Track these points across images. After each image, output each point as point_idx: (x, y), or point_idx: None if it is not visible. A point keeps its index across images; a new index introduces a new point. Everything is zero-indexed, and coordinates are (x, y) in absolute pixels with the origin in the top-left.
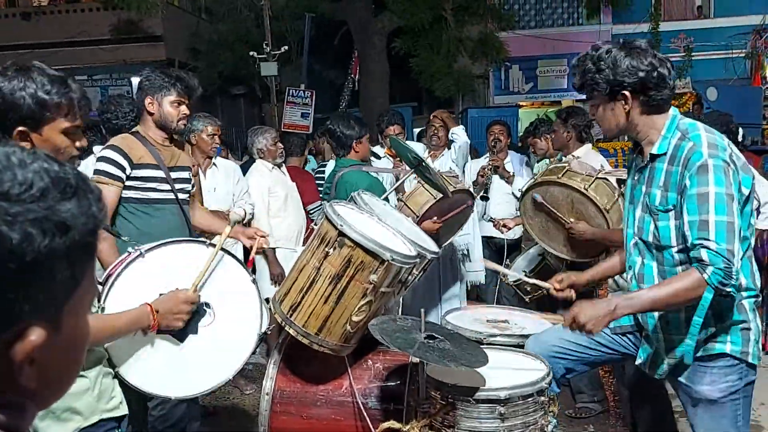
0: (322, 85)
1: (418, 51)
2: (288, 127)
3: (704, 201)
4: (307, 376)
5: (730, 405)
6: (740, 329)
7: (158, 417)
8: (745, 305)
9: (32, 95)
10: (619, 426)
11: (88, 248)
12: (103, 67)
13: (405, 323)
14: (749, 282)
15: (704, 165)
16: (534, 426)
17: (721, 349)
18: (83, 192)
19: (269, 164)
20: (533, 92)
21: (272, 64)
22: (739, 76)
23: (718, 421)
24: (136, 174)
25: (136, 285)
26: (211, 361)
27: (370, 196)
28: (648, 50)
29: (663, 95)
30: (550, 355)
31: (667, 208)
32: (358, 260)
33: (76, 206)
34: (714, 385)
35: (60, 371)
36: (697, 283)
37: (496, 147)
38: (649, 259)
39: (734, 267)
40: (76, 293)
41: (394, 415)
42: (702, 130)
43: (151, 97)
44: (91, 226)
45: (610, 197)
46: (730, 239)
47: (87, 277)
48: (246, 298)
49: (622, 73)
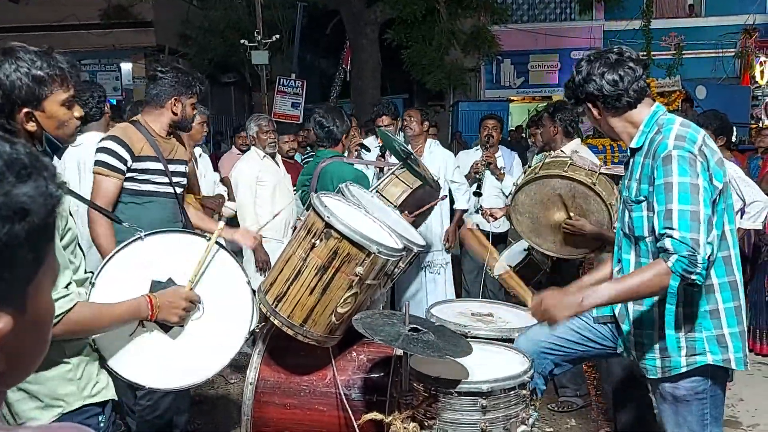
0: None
1: (411, 43)
2: (278, 116)
3: (669, 190)
4: (291, 366)
5: (696, 404)
6: (716, 338)
7: (146, 407)
8: (721, 312)
9: (27, 74)
10: (601, 420)
11: (48, 229)
12: (92, 52)
13: (389, 317)
14: (725, 287)
15: (668, 156)
16: (515, 419)
17: (702, 362)
18: (38, 171)
19: (261, 152)
20: (524, 87)
21: (263, 53)
22: (728, 75)
23: (684, 418)
24: (136, 166)
25: (129, 266)
26: (195, 356)
27: (358, 188)
28: (602, 58)
29: (617, 96)
30: (539, 351)
31: (638, 199)
32: (344, 252)
33: (33, 188)
34: (679, 383)
35: (27, 351)
36: (662, 271)
37: (489, 142)
38: (627, 250)
39: (699, 255)
40: (39, 274)
41: (377, 407)
42: (676, 124)
43: (177, 97)
44: (49, 206)
45: (609, 192)
46: (694, 227)
47: (48, 256)
48: (238, 295)
49: (579, 87)
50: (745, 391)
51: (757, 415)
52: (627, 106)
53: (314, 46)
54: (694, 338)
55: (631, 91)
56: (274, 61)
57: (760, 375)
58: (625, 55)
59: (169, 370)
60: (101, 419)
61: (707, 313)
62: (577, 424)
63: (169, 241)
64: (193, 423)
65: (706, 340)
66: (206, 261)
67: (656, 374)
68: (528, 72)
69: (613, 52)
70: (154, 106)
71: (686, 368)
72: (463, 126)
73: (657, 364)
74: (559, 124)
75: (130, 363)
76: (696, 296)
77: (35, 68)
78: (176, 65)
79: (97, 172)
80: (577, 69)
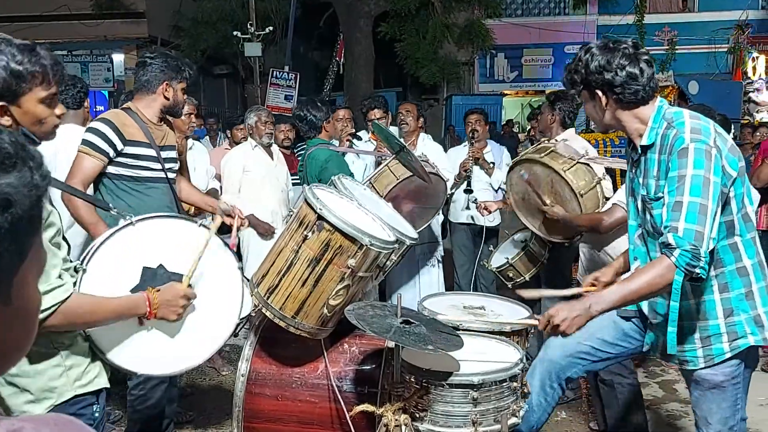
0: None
1: (404, 36)
2: (271, 109)
3: (681, 183)
4: (283, 358)
5: (731, 389)
6: (753, 319)
7: (138, 397)
8: (755, 293)
9: (5, 67)
10: (590, 413)
11: (33, 220)
12: (84, 43)
13: (381, 309)
14: (756, 268)
15: (685, 148)
16: (506, 411)
17: (745, 344)
18: (23, 161)
19: (253, 143)
20: (518, 81)
21: (256, 45)
22: (721, 70)
23: (718, 405)
24: (127, 151)
25: (121, 252)
26: (183, 344)
27: (351, 181)
28: (619, 49)
29: (634, 91)
30: (575, 357)
31: (658, 196)
32: (336, 244)
33: (17, 178)
34: (718, 369)
35: (12, 343)
36: (666, 268)
37: (474, 137)
38: (653, 248)
39: (702, 248)
40: (24, 265)
41: (369, 399)
42: (687, 117)
43: (168, 82)
44: (34, 197)
45: (588, 182)
46: (701, 221)
47: (34, 248)
48: (229, 284)
49: (591, 74)
50: None
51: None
52: (640, 101)
53: (308, 39)
54: (734, 322)
55: (648, 87)
56: (267, 53)
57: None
58: (640, 50)
59: (159, 357)
60: (95, 408)
61: (743, 295)
62: (567, 417)
63: (161, 227)
64: (185, 414)
65: (746, 323)
66: (202, 255)
67: (697, 364)
68: (522, 66)
69: (629, 45)
70: (146, 92)
71: (730, 353)
72: (456, 120)
73: (699, 354)
74: (558, 113)
75: (121, 350)
76: (731, 281)
77: (14, 62)
78: (164, 51)
79: (81, 150)
80: (592, 55)
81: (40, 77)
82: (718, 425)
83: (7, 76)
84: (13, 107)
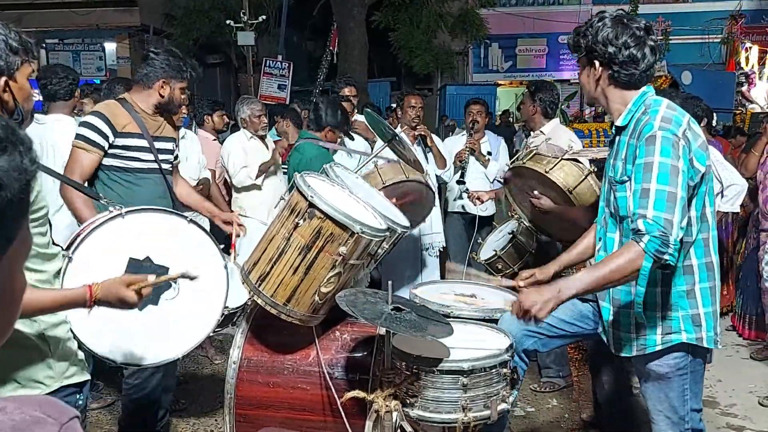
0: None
1: (398, 25)
2: (264, 98)
3: (648, 170)
4: (275, 345)
5: (678, 380)
6: (691, 317)
7: (133, 386)
8: (697, 293)
9: (4, 41)
10: (582, 401)
11: (22, 204)
12: (76, 31)
13: (372, 296)
14: (702, 268)
15: (653, 136)
16: (496, 397)
17: (677, 340)
18: (13, 145)
19: (248, 134)
20: (512, 71)
21: (249, 34)
22: (714, 61)
23: (665, 395)
24: (119, 142)
25: (108, 243)
26: (167, 335)
27: (342, 169)
28: (630, 27)
29: (629, 73)
30: (524, 330)
31: (622, 179)
32: (327, 232)
33: (7, 162)
34: (662, 361)
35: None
36: (635, 254)
37: (474, 127)
38: (612, 230)
39: (671, 236)
40: (10, 250)
41: (360, 385)
42: (663, 106)
43: (166, 80)
44: (23, 181)
45: (577, 177)
46: (670, 208)
47: (21, 231)
48: (214, 276)
49: (597, 43)
50: (724, 372)
51: (734, 395)
52: (632, 86)
53: (301, 28)
54: (670, 317)
55: (643, 74)
56: (261, 42)
57: (738, 357)
58: (650, 36)
59: (136, 345)
60: (79, 397)
61: (684, 292)
62: (558, 404)
63: (150, 220)
64: (178, 403)
65: (682, 319)
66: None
67: (631, 352)
68: (516, 56)
69: (641, 26)
70: (143, 86)
71: (660, 346)
72: (450, 109)
73: (632, 342)
74: (538, 104)
75: (106, 341)
76: (675, 276)
77: (11, 39)
78: (170, 48)
79: (76, 145)
80: (604, 24)
81: (28, 54)
82: (667, 414)
83: (8, 50)
84: (12, 83)
